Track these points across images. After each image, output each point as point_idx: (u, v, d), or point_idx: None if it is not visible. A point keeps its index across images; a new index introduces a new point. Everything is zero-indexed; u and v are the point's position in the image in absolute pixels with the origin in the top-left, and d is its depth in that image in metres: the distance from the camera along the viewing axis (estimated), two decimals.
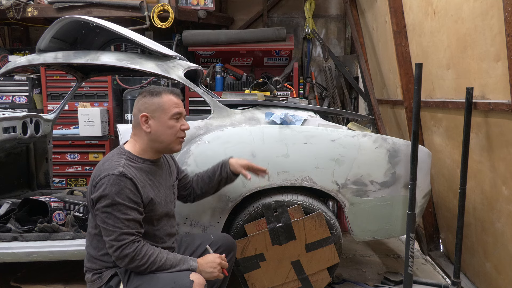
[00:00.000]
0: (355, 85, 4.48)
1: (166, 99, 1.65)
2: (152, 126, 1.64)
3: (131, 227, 1.54)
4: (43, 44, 2.30)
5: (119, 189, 1.52)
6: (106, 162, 1.60)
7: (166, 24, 3.95)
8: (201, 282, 1.55)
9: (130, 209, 1.54)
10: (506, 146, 1.87)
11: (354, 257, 3.05)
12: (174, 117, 1.66)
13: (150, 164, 1.68)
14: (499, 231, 2.06)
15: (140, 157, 1.66)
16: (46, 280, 2.59)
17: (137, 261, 1.53)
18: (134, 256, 1.53)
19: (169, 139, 1.66)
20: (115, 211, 1.52)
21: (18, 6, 3.94)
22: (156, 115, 1.64)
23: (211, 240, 1.89)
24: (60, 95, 4.15)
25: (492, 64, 1.84)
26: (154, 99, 1.65)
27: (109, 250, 1.55)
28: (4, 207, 2.50)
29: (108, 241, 1.54)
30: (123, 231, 1.52)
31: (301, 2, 4.88)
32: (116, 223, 1.52)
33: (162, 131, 1.64)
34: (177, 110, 1.66)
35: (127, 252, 1.52)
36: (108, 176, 1.53)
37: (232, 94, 2.51)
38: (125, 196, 1.53)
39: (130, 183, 1.54)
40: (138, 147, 1.67)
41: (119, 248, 1.52)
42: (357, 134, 2.19)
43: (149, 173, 1.66)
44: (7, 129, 2.55)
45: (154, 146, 1.67)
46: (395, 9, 2.78)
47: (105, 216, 1.53)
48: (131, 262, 1.53)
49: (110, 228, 1.52)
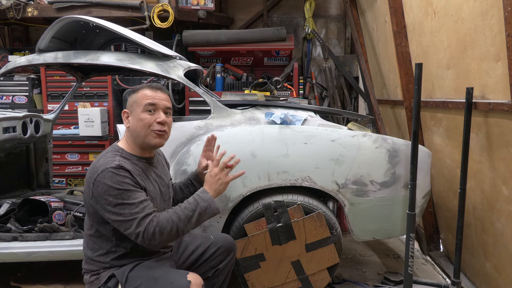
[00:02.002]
0: (355, 85, 4.48)
1: (140, 93, 1.65)
2: (130, 121, 1.65)
3: (146, 208, 1.52)
4: (43, 44, 2.30)
5: (120, 179, 1.51)
6: (101, 159, 1.58)
7: (166, 24, 3.95)
8: (198, 282, 1.55)
9: (138, 192, 1.54)
10: (506, 146, 1.87)
11: (354, 257, 3.05)
12: (146, 109, 1.63)
13: (145, 162, 1.68)
14: (499, 231, 2.06)
15: (134, 155, 1.66)
16: (46, 280, 2.59)
17: (166, 231, 1.51)
18: (160, 229, 1.50)
19: (142, 132, 1.63)
20: (125, 199, 1.50)
21: (18, 6, 3.94)
22: (132, 109, 1.65)
23: (211, 240, 1.89)
24: (60, 95, 4.15)
25: (492, 64, 1.84)
26: (133, 96, 1.67)
27: (137, 241, 1.51)
28: (4, 207, 2.50)
29: (131, 232, 1.50)
30: (141, 215, 1.50)
31: (301, 2, 4.88)
32: (132, 210, 1.49)
33: (136, 124, 1.63)
34: (147, 101, 1.62)
35: (152, 230, 1.49)
36: (105, 170, 1.51)
37: (232, 94, 2.51)
38: (128, 184, 1.52)
39: (129, 173, 1.54)
40: (128, 144, 1.68)
41: (145, 231, 1.49)
42: (357, 134, 2.19)
43: (144, 169, 1.66)
44: (7, 129, 2.55)
45: (136, 141, 1.66)
46: (395, 9, 2.78)
47: (119, 208, 1.50)
48: (162, 236, 1.51)
49: (128, 217, 1.49)
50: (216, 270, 1.86)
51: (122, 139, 1.71)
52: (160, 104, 1.65)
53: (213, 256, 1.86)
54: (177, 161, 2.16)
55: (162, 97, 1.67)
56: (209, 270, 1.86)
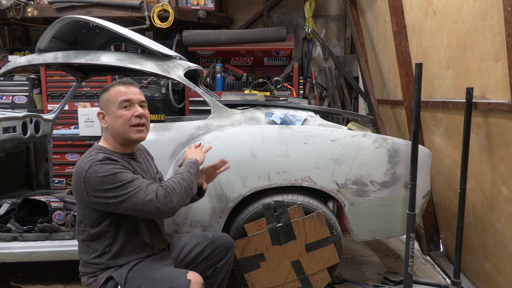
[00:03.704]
0: (355, 85, 4.48)
1: (112, 91, 1.64)
2: (107, 121, 1.64)
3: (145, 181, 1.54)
4: (43, 44, 2.30)
5: (111, 166, 1.51)
6: (86, 158, 1.57)
7: (166, 24, 3.95)
8: (198, 281, 1.54)
9: (131, 173, 1.55)
10: (506, 146, 1.87)
11: (354, 257, 3.05)
12: (122, 105, 1.62)
13: (128, 158, 1.68)
14: (499, 231, 2.06)
15: (117, 152, 1.65)
16: (46, 280, 2.59)
17: (175, 191, 1.54)
18: (171, 190, 1.53)
19: (122, 128, 1.62)
20: (123, 179, 1.49)
21: (18, 6, 3.94)
22: (107, 109, 1.64)
23: (209, 239, 1.89)
24: (60, 95, 4.15)
25: (492, 64, 1.84)
26: (104, 95, 1.65)
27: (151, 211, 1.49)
28: (4, 207, 2.50)
29: (143, 203, 1.48)
30: (144, 185, 1.51)
31: (301, 2, 4.88)
32: (134, 184, 1.49)
33: (114, 123, 1.62)
34: (122, 98, 1.62)
35: (163, 193, 1.51)
36: (93, 165, 1.50)
37: (232, 94, 2.51)
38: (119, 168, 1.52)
39: (117, 162, 1.54)
40: (108, 143, 1.67)
41: (158, 198, 1.49)
42: (357, 134, 2.19)
43: (129, 164, 1.65)
44: (7, 129, 2.55)
45: (117, 139, 1.66)
46: (395, 9, 2.78)
47: (121, 189, 1.48)
48: (175, 196, 1.53)
49: (134, 191, 1.48)
50: (215, 269, 1.87)
51: (102, 139, 1.70)
52: (135, 99, 1.65)
53: (212, 254, 1.86)
54: (177, 161, 2.16)
55: (135, 91, 1.68)
56: (208, 268, 1.86)
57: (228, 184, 2.12)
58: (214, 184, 2.11)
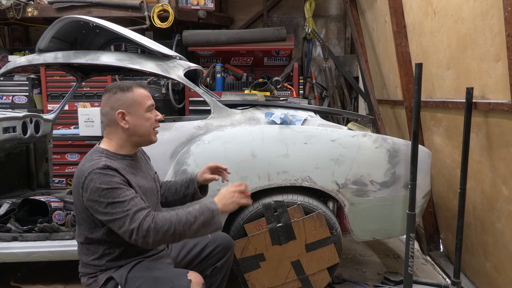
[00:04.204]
0: (355, 85, 4.48)
1: (138, 93, 1.65)
2: (130, 122, 1.63)
3: (138, 204, 1.50)
4: (43, 44, 2.30)
5: (109, 178, 1.50)
6: (86, 162, 1.56)
7: (166, 24, 3.95)
8: (199, 281, 1.54)
9: (128, 190, 1.52)
10: (506, 146, 1.87)
11: (354, 257, 3.05)
12: (150, 109, 1.67)
13: (129, 160, 1.68)
14: (499, 231, 2.06)
15: (118, 154, 1.65)
16: (46, 280, 2.59)
17: (163, 230, 1.46)
18: (155, 226, 1.46)
19: (147, 131, 1.67)
20: (116, 197, 1.48)
21: (18, 6, 3.94)
22: (132, 110, 1.63)
23: (208, 239, 1.88)
24: (60, 95, 4.15)
25: (492, 64, 1.84)
26: (127, 94, 1.63)
27: (131, 240, 1.48)
28: (4, 207, 2.50)
29: (125, 231, 1.46)
30: (134, 210, 1.47)
31: (301, 2, 4.88)
32: (124, 208, 1.47)
33: (140, 125, 1.64)
34: (150, 102, 1.68)
35: (147, 226, 1.45)
36: (92, 172, 1.50)
37: (232, 94, 2.51)
38: (117, 182, 1.50)
39: (117, 172, 1.53)
40: (114, 144, 1.66)
41: (139, 228, 1.45)
42: (357, 134, 2.19)
43: (130, 167, 1.65)
44: (7, 129, 2.55)
45: (133, 140, 1.66)
46: (395, 9, 2.78)
47: (110, 208, 1.48)
48: (157, 234, 1.46)
49: (121, 215, 1.46)
50: (214, 269, 1.87)
51: (104, 141, 1.69)
52: (154, 103, 1.72)
53: (211, 254, 1.86)
54: (177, 161, 2.17)
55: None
56: (207, 268, 1.86)
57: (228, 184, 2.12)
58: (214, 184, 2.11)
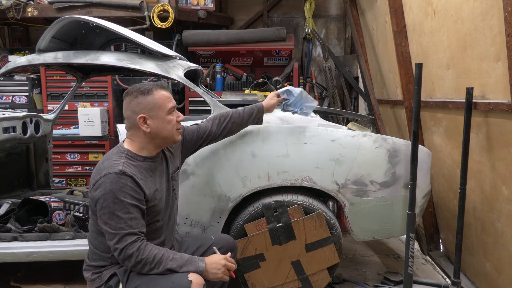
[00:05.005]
0: (355, 85, 4.48)
1: (158, 95, 1.64)
2: (151, 125, 1.63)
3: (133, 227, 1.53)
4: (43, 44, 2.30)
5: (120, 186, 1.52)
6: (106, 161, 1.60)
7: (166, 24, 3.95)
8: (199, 282, 1.54)
9: (132, 207, 1.53)
10: (506, 146, 1.87)
11: (354, 257, 3.05)
12: (171, 111, 1.67)
13: (150, 162, 1.68)
14: (499, 231, 2.06)
15: (140, 155, 1.66)
16: (46, 280, 2.59)
17: (143, 260, 1.52)
18: (139, 255, 1.52)
19: (170, 133, 1.68)
20: (117, 210, 1.51)
21: (18, 6, 3.94)
22: (153, 113, 1.63)
23: (212, 240, 1.89)
24: (60, 95, 4.15)
25: (492, 64, 1.84)
26: (147, 98, 1.63)
27: (114, 253, 1.55)
28: (4, 207, 2.50)
29: (111, 245, 1.53)
30: (125, 232, 1.51)
31: (301, 2, 4.88)
32: (118, 224, 1.51)
33: (163, 128, 1.65)
34: (172, 104, 1.68)
35: (131, 252, 1.51)
36: (108, 175, 1.53)
37: (232, 94, 2.51)
38: (126, 193, 1.52)
39: (131, 180, 1.54)
40: (136, 146, 1.67)
41: (124, 250, 1.51)
42: (357, 134, 2.19)
43: (149, 169, 1.66)
44: (7, 129, 2.55)
45: (155, 142, 1.68)
46: (395, 9, 2.78)
47: (107, 217, 1.52)
48: (137, 263, 1.53)
49: (112, 230, 1.52)
50: None
51: (128, 141, 1.70)
52: (175, 104, 1.73)
53: None
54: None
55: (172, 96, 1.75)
56: None
57: (228, 184, 2.12)
58: (214, 184, 2.11)
